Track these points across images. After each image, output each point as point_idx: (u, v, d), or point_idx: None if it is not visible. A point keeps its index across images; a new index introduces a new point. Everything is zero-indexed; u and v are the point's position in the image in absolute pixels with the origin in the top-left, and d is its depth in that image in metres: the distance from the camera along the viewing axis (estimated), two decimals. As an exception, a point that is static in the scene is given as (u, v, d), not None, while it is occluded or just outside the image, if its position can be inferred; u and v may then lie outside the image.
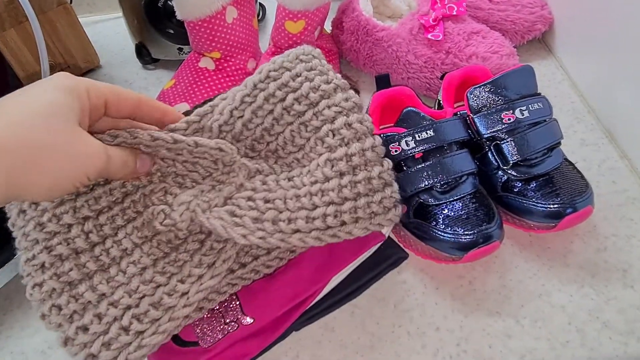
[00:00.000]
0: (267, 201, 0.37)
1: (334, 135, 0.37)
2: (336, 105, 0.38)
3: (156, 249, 0.37)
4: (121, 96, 0.34)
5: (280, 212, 0.36)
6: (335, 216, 0.36)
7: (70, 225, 0.36)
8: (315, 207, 0.36)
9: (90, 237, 0.36)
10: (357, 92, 0.46)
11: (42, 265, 0.35)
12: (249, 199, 0.37)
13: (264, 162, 0.40)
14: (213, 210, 0.36)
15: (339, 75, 0.39)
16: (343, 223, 0.36)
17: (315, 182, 0.37)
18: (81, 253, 0.36)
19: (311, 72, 0.39)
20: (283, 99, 0.38)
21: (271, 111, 0.38)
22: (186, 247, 0.38)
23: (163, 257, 0.37)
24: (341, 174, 0.36)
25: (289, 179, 0.39)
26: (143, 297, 0.35)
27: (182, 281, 0.36)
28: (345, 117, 0.37)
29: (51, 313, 0.35)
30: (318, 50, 0.40)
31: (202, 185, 0.38)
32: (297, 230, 0.36)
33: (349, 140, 0.37)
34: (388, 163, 0.37)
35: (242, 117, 0.38)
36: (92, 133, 0.32)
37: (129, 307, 0.35)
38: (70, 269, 0.35)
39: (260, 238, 0.35)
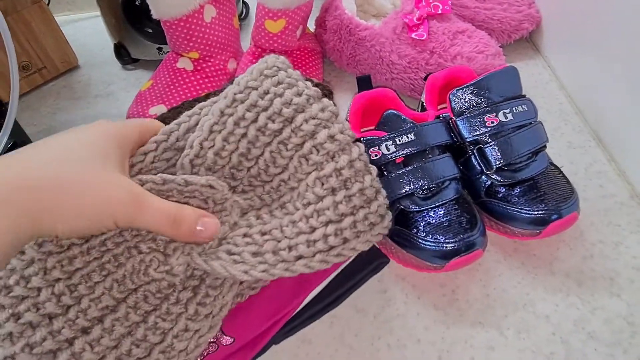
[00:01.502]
0: (263, 233, 0.35)
1: (318, 151, 0.35)
2: (314, 118, 0.35)
3: (143, 302, 0.34)
4: (148, 128, 0.37)
5: (279, 242, 0.34)
6: (337, 234, 0.34)
7: (39, 289, 0.32)
8: (314, 229, 0.34)
9: (62, 300, 0.32)
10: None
11: (11, 335, 0.31)
12: (245, 235, 0.35)
13: (253, 193, 0.38)
14: (209, 252, 0.34)
15: (309, 84, 0.37)
16: (345, 240, 0.34)
17: (309, 203, 0.35)
18: (54, 318, 0.32)
19: (279, 86, 0.36)
20: (255, 120, 0.36)
21: (244, 135, 0.36)
22: (178, 296, 0.34)
23: (153, 311, 0.34)
24: (333, 190, 0.34)
25: (282, 207, 0.37)
26: None
27: (177, 336, 0.34)
28: (326, 129, 0.35)
29: None
30: (282, 58, 0.38)
31: None
32: (300, 257, 0.33)
33: (334, 154, 0.35)
34: (374, 169, 0.36)
35: (212, 146, 0.36)
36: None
37: None
38: (44, 339, 0.31)
39: (263, 271, 0.33)
